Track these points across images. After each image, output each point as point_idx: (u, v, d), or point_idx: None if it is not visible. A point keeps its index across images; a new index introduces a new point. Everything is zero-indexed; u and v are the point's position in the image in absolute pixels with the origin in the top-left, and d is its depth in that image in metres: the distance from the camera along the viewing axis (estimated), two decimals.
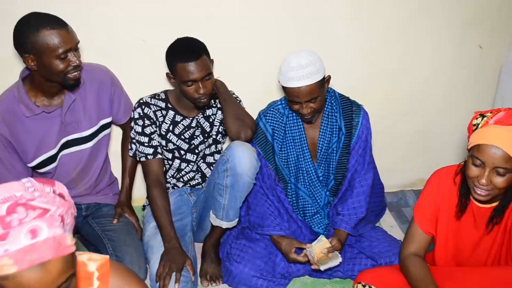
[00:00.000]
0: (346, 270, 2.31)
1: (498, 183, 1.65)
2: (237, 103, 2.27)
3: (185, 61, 2.06)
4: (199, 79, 2.09)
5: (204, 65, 2.09)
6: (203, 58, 2.09)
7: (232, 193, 2.15)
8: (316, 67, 2.09)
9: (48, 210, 0.98)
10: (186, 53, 2.07)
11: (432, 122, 3.06)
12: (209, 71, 2.12)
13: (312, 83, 2.08)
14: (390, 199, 3.11)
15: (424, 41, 2.79)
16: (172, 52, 2.13)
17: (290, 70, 2.08)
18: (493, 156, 1.62)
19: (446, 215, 1.94)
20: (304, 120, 2.29)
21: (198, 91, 2.12)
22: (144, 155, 2.24)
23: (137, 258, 2.16)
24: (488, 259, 1.91)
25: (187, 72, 2.07)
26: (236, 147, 2.11)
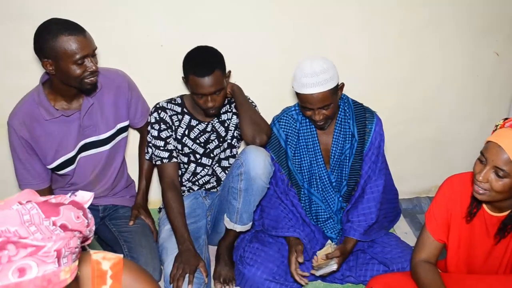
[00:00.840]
0: (358, 275, 2.32)
1: (495, 185, 1.65)
2: (252, 107, 2.30)
3: (197, 75, 2.09)
4: (208, 94, 2.13)
5: (216, 81, 2.11)
6: (216, 73, 2.11)
7: (246, 197, 2.18)
8: (329, 74, 2.10)
9: (41, 247, 0.94)
10: (199, 67, 2.10)
11: (446, 129, 3.05)
12: (220, 87, 2.14)
13: (325, 90, 2.09)
14: (405, 206, 3.10)
15: (437, 48, 2.79)
16: (187, 62, 2.16)
17: (303, 77, 2.09)
18: (495, 155, 1.63)
19: (458, 223, 1.94)
20: (316, 126, 2.30)
21: (207, 104, 2.17)
22: (160, 159, 2.28)
23: (151, 259, 2.20)
24: (500, 267, 1.90)
25: (198, 86, 2.11)
26: (251, 152, 2.14)
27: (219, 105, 2.21)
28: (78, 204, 1.06)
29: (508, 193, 1.69)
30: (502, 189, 1.66)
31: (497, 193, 1.68)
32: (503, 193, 1.68)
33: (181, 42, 2.34)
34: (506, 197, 1.72)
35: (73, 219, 1.02)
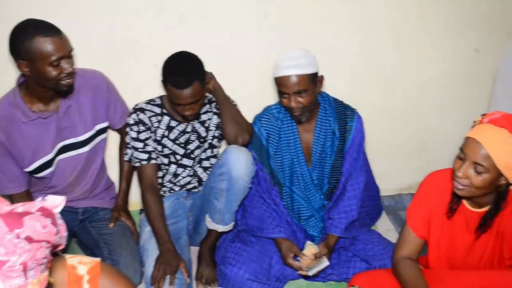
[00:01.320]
0: (340, 273, 2.33)
1: (475, 180, 1.66)
2: (234, 106, 2.30)
3: (176, 87, 2.08)
4: (185, 104, 2.13)
5: (194, 92, 2.10)
6: (195, 85, 2.10)
7: (228, 197, 2.17)
8: (308, 60, 2.13)
9: (5, 262, 0.92)
10: (178, 81, 2.08)
11: (428, 125, 3.06)
12: (198, 97, 2.14)
13: (301, 73, 2.11)
14: (388, 203, 3.11)
15: (419, 46, 2.81)
16: (166, 71, 2.13)
17: (281, 61, 2.14)
18: (473, 151, 1.64)
19: (439, 219, 1.94)
20: (294, 118, 2.29)
21: (184, 112, 2.17)
22: (139, 161, 2.26)
23: (132, 262, 2.17)
24: (480, 262, 1.91)
25: (175, 97, 2.11)
26: (232, 151, 2.13)
27: (197, 113, 2.21)
28: (47, 211, 1.03)
29: (487, 189, 1.70)
30: (482, 184, 1.67)
31: (477, 188, 1.69)
32: (482, 189, 1.69)
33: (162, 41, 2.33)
34: (485, 193, 1.73)
35: (39, 230, 0.98)
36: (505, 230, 1.76)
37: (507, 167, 1.62)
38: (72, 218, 2.34)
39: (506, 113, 1.69)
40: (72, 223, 2.34)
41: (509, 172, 1.64)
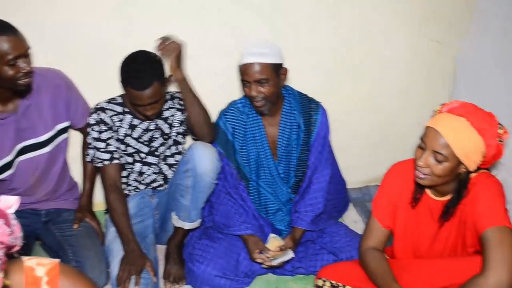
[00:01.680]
0: (308, 266, 2.33)
1: (435, 169, 1.70)
2: (199, 102, 2.25)
3: (135, 88, 2.06)
4: (146, 105, 2.11)
5: (153, 93, 2.08)
6: (155, 85, 2.07)
7: (194, 194, 2.15)
8: (271, 50, 2.15)
9: None
10: (136, 82, 2.05)
11: (393, 117, 3.09)
12: (157, 98, 2.12)
13: (263, 62, 2.11)
14: (355, 195, 3.13)
15: (381, 37, 2.83)
16: (124, 72, 2.10)
17: (245, 49, 2.15)
18: (433, 140, 1.68)
19: (404, 208, 1.97)
20: (256, 110, 2.28)
21: (144, 112, 2.15)
22: (101, 161, 2.23)
23: (97, 263, 2.14)
24: (445, 250, 1.94)
25: (135, 98, 2.09)
26: (197, 148, 2.12)
27: (157, 112, 2.19)
28: (0, 212, 1.01)
29: (448, 177, 1.73)
30: (442, 173, 1.70)
31: (438, 177, 1.72)
32: (443, 177, 1.72)
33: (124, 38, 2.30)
34: (447, 181, 1.76)
35: None
36: (467, 218, 1.78)
37: (466, 155, 1.65)
38: (34, 220, 2.29)
39: (464, 102, 1.72)
40: (35, 225, 2.29)
41: (467, 160, 1.67)
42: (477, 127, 1.65)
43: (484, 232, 1.67)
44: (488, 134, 1.65)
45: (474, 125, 1.65)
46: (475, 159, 1.68)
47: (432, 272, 1.85)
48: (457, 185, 1.80)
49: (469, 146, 1.65)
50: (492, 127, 1.66)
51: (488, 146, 1.66)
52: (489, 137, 1.65)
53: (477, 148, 1.66)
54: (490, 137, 1.66)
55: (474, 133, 1.65)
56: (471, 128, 1.65)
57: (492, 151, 1.68)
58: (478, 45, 2.76)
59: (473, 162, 1.69)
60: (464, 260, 1.83)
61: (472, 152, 1.66)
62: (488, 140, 1.66)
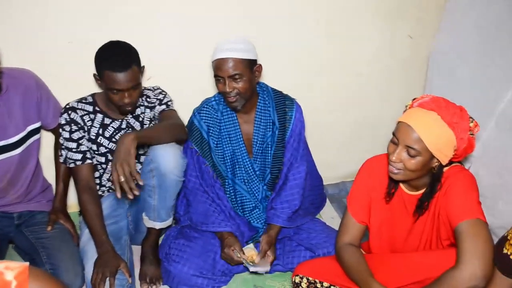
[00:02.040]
0: (286, 263, 2.33)
1: (408, 164, 1.71)
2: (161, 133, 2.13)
3: (114, 70, 2.02)
4: (125, 90, 2.07)
5: (132, 76, 2.06)
6: (133, 68, 2.06)
7: (161, 193, 2.13)
8: (246, 46, 2.13)
9: None
10: (115, 63, 2.03)
11: (367, 113, 3.11)
12: (136, 82, 2.10)
13: (237, 57, 2.10)
14: (332, 191, 3.15)
15: (355, 32, 2.84)
16: (102, 57, 2.08)
17: (220, 45, 2.13)
18: (405, 135, 1.69)
19: (379, 204, 1.98)
20: (230, 106, 2.27)
21: (123, 100, 2.11)
22: (73, 161, 2.20)
23: (72, 265, 2.11)
24: (420, 244, 1.95)
25: (114, 82, 2.04)
26: (159, 147, 2.08)
27: (135, 101, 2.16)
28: None
29: (421, 171, 1.74)
30: (415, 167, 1.71)
31: (411, 171, 1.73)
32: (416, 171, 1.73)
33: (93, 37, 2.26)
34: (420, 175, 1.78)
35: None
36: (440, 211, 1.80)
37: (438, 149, 1.67)
38: (7, 223, 2.25)
39: (434, 96, 1.74)
40: (7, 228, 2.24)
41: (440, 154, 1.68)
42: (448, 121, 1.66)
43: (458, 225, 1.68)
44: (459, 127, 1.67)
45: (445, 119, 1.66)
46: (447, 153, 1.70)
47: (408, 265, 1.87)
48: (430, 179, 1.82)
49: (441, 140, 1.66)
50: (463, 121, 1.68)
51: (460, 139, 1.68)
52: (460, 131, 1.67)
53: (448, 142, 1.68)
54: (461, 131, 1.67)
55: (446, 127, 1.66)
56: (442, 122, 1.67)
57: (464, 144, 1.69)
58: (450, 40, 2.79)
59: (445, 156, 1.70)
60: (440, 253, 1.84)
61: (444, 146, 1.68)
62: (460, 133, 1.67)
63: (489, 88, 2.47)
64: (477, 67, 2.57)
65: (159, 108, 2.31)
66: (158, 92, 2.35)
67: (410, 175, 1.76)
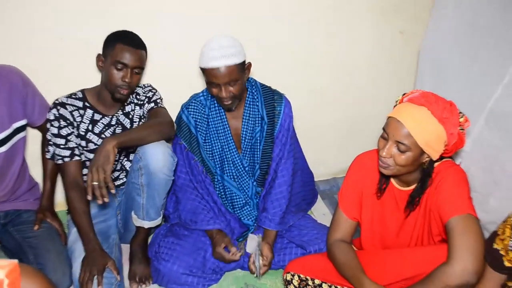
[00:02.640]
0: (277, 261, 2.32)
1: (398, 159, 1.72)
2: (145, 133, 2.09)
3: (127, 44, 2.08)
4: (130, 67, 2.09)
5: (141, 57, 2.13)
6: (143, 51, 2.14)
7: (149, 192, 2.12)
8: (236, 49, 2.11)
9: None
10: (130, 39, 2.11)
11: (359, 108, 3.12)
12: (142, 64, 2.15)
13: (231, 64, 2.08)
14: (323, 187, 3.15)
15: (346, 29, 2.84)
16: (117, 34, 2.14)
17: (210, 51, 2.08)
18: (395, 130, 1.69)
19: (370, 199, 1.99)
20: (223, 107, 2.26)
21: (124, 78, 2.10)
22: (61, 158, 2.18)
23: (60, 265, 2.09)
24: (411, 240, 1.96)
25: (123, 54, 2.07)
26: (148, 144, 2.07)
27: (133, 86, 2.16)
28: None
29: (411, 166, 1.75)
30: (405, 162, 1.72)
31: (401, 166, 1.74)
32: (406, 167, 1.74)
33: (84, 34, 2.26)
34: (410, 170, 1.78)
35: None
36: (431, 207, 1.80)
37: (428, 144, 1.68)
38: None
39: (424, 91, 1.74)
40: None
41: (430, 149, 1.69)
42: (438, 116, 1.67)
43: (449, 220, 1.69)
44: (449, 123, 1.67)
45: (435, 114, 1.67)
46: (437, 148, 1.70)
47: (400, 262, 1.87)
48: (421, 174, 1.82)
49: (430, 135, 1.67)
50: (453, 116, 1.68)
51: (450, 134, 1.68)
52: (451, 126, 1.67)
53: (438, 137, 1.68)
54: (452, 126, 1.68)
55: (436, 122, 1.67)
56: (432, 117, 1.67)
57: (454, 139, 1.70)
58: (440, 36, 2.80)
59: (436, 151, 1.71)
60: (431, 249, 1.85)
61: (434, 141, 1.68)
62: (450, 128, 1.68)
63: (480, 84, 2.47)
64: (467, 63, 2.57)
65: (147, 106, 2.30)
66: (148, 89, 2.33)
67: (400, 170, 1.76)
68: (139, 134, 2.05)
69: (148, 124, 2.15)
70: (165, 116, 2.23)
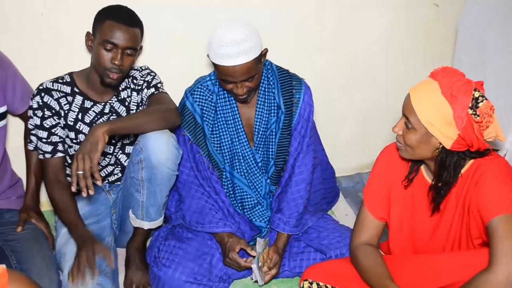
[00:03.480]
0: (293, 267, 2.33)
1: (406, 138, 1.78)
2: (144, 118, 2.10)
3: (117, 21, 2.07)
4: (121, 47, 2.09)
5: (134, 36, 2.13)
6: (136, 30, 2.14)
7: (150, 188, 2.12)
8: (253, 41, 2.07)
9: None
10: (122, 16, 2.11)
11: (384, 94, 3.11)
12: (135, 45, 2.14)
13: (249, 60, 2.06)
14: (345, 184, 3.15)
15: (367, 3, 2.83)
16: (107, 9, 2.15)
17: (223, 46, 2.04)
18: (405, 104, 1.78)
19: (399, 196, 1.98)
20: (238, 101, 2.28)
21: (113, 60, 2.10)
22: (42, 153, 2.20)
23: (47, 270, 2.10)
24: (447, 244, 1.95)
25: (113, 32, 2.07)
26: (150, 134, 2.06)
27: (125, 71, 2.16)
28: None
29: (421, 150, 1.78)
30: (412, 142, 1.77)
31: (410, 148, 1.79)
32: (415, 149, 1.78)
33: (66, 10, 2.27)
34: (424, 155, 1.81)
35: None
36: (471, 205, 1.79)
37: (430, 122, 1.69)
38: None
39: (447, 67, 1.77)
40: None
41: (435, 130, 1.70)
42: (445, 92, 1.67)
43: (491, 221, 1.67)
44: (457, 102, 1.66)
45: (443, 90, 1.68)
46: (443, 131, 1.69)
47: (433, 268, 1.86)
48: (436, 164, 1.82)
49: (434, 112, 1.68)
50: (464, 96, 1.66)
51: (457, 117, 1.66)
52: (458, 107, 1.66)
53: (443, 117, 1.67)
54: (460, 108, 1.65)
55: (442, 99, 1.68)
56: (439, 93, 1.68)
57: (462, 124, 1.66)
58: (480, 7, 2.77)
59: (443, 135, 1.70)
60: (470, 253, 1.84)
61: (438, 121, 1.68)
62: (457, 109, 1.66)
63: None
64: (505, 38, 2.54)
65: (147, 92, 2.30)
66: (146, 73, 2.34)
67: (412, 153, 1.81)
68: (136, 121, 2.05)
69: (148, 111, 2.16)
70: (169, 103, 2.24)
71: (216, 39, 2.08)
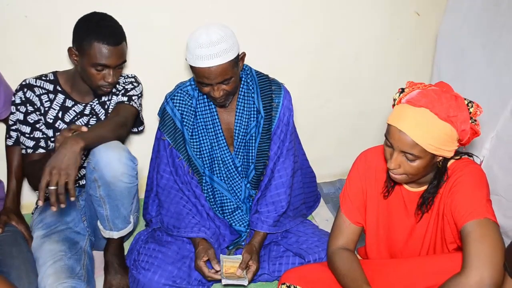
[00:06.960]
0: (272, 271, 2.35)
1: (409, 168, 1.74)
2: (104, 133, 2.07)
3: (105, 43, 2.06)
4: (112, 66, 2.10)
5: (122, 53, 2.14)
6: (123, 44, 2.15)
7: (111, 203, 2.10)
8: (228, 43, 2.08)
9: None
10: (108, 35, 2.08)
11: (366, 100, 3.13)
12: (124, 58, 2.17)
13: (224, 62, 2.07)
14: (327, 190, 3.16)
15: (352, 10, 2.85)
16: (90, 26, 2.10)
17: (198, 48, 2.06)
18: (399, 141, 1.70)
19: (375, 201, 2.00)
20: (216, 104, 2.29)
21: (106, 79, 2.12)
22: (24, 148, 2.21)
23: (26, 273, 2.10)
24: (422, 248, 1.98)
25: (103, 56, 2.07)
26: (100, 152, 2.01)
27: (116, 81, 2.20)
28: None
29: (425, 171, 1.77)
30: (416, 171, 1.74)
31: (414, 175, 1.76)
32: (418, 174, 1.77)
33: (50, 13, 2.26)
34: (424, 175, 1.80)
35: None
36: (445, 210, 1.81)
37: (438, 148, 1.68)
38: None
39: (422, 90, 1.72)
40: None
41: (441, 151, 1.69)
42: (444, 116, 1.66)
43: (464, 226, 1.69)
44: (458, 120, 1.67)
45: (440, 116, 1.66)
46: (449, 148, 1.71)
47: (409, 273, 1.88)
48: (434, 173, 1.84)
49: (439, 139, 1.67)
50: (461, 112, 1.68)
51: (462, 131, 1.68)
52: (461, 123, 1.67)
53: (449, 138, 1.69)
54: (462, 123, 1.67)
55: (442, 124, 1.67)
56: (437, 120, 1.67)
57: (467, 135, 1.70)
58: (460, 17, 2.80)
59: (449, 151, 1.72)
60: (444, 258, 1.86)
61: (445, 143, 1.69)
62: (460, 126, 1.67)
63: (504, 72, 2.47)
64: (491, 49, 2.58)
65: (119, 98, 2.31)
66: (129, 81, 2.36)
67: (414, 178, 1.79)
68: (102, 133, 2.03)
69: (110, 124, 2.15)
70: (123, 116, 2.23)
71: (192, 41, 2.10)
